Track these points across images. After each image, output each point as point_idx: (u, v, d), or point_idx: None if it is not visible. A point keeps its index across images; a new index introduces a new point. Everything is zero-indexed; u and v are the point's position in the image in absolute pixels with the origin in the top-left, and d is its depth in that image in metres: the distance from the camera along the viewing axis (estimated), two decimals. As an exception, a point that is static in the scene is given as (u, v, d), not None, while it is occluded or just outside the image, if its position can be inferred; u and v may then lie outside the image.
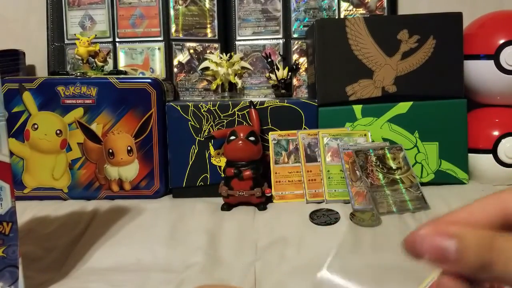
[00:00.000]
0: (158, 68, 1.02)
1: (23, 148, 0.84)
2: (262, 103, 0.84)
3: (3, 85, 0.83)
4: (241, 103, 0.84)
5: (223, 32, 1.04)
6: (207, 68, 1.01)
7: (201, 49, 1.02)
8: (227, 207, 0.78)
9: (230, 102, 0.85)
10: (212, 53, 1.02)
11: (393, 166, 0.77)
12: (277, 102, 0.85)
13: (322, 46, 0.85)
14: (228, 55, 1.00)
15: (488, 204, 0.24)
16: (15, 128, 0.84)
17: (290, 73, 1.01)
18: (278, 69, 0.99)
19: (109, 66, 1.01)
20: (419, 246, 0.23)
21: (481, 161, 0.87)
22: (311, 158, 0.82)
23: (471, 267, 0.22)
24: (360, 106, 0.85)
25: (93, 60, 0.96)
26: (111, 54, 1.02)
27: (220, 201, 0.79)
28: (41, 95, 0.83)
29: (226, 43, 1.04)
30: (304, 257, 0.60)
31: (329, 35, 0.85)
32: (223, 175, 0.80)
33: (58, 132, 0.84)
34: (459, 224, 0.23)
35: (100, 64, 0.96)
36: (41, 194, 0.85)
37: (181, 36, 1.02)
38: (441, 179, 0.85)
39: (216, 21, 1.02)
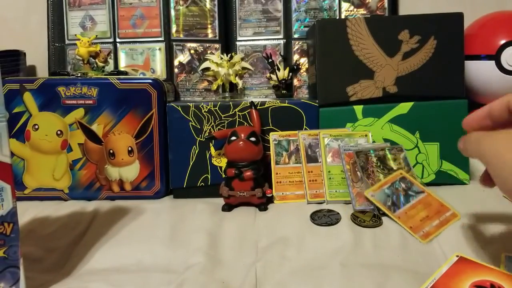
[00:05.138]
0: (159, 69, 1.02)
1: (23, 149, 0.84)
2: (263, 103, 0.84)
3: (3, 86, 0.83)
4: (242, 103, 0.84)
5: (224, 33, 1.04)
6: (207, 69, 1.01)
7: (202, 49, 1.02)
8: (227, 207, 0.77)
9: (231, 102, 0.85)
10: (213, 54, 1.02)
11: (394, 166, 0.77)
12: (278, 103, 0.85)
13: (323, 46, 0.85)
14: (229, 55, 1.00)
15: (499, 100, 0.45)
16: (16, 129, 0.84)
17: (290, 74, 1.01)
18: (278, 69, 0.99)
19: (110, 67, 1.01)
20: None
21: (482, 162, 0.87)
22: (312, 158, 0.82)
23: (474, 156, 0.45)
24: (361, 106, 0.85)
25: (93, 60, 0.96)
26: (112, 54, 1.02)
27: (220, 201, 0.78)
28: (41, 95, 0.83)
29: (227, 44, 1.04)
30: (305, 257, 0.60)
31: (330, 36, 0.85)
32: (224, 175, 0.80)
33: (58, 132, 0.84)
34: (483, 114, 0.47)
35: (100, 64, 0.96)
36: (42, 194, 0.85)
37: (181, 36, 1.02)
38: (442, 179, 0.85)
39: (216, 22, 1.02)
